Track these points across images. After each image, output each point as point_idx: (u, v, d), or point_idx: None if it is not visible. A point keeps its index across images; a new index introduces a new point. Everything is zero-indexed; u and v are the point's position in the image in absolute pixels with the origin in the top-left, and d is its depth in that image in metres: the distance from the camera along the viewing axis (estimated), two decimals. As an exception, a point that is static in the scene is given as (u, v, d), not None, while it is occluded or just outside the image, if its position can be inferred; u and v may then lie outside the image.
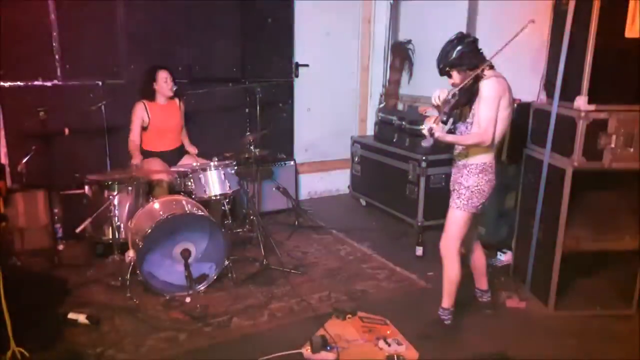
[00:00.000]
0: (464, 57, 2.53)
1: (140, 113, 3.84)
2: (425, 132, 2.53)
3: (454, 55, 2.53)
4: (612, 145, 2.80)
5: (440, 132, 2.51)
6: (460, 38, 2.57)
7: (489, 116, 2.49)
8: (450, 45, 2.56)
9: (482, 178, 2.63)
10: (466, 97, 2.53)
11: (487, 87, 2.49)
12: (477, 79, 2.51)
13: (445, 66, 2.58)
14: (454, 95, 2.53)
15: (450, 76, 2.61)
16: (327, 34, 5.18)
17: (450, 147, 2.79)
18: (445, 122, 2.49)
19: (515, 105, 3.55)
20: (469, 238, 2.90)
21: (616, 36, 2.69)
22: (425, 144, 2.60)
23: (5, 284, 2.27)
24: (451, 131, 2.62)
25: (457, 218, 2.69)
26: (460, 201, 2.66)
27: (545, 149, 3.05)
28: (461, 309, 2.89)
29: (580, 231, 2.96)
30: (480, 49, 2.58)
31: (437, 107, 2.61)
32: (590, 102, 2.76)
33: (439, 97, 2.60)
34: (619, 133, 2.78)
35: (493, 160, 2.65)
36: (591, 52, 2.70)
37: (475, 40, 2.58)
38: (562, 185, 2.88)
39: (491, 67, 2.57)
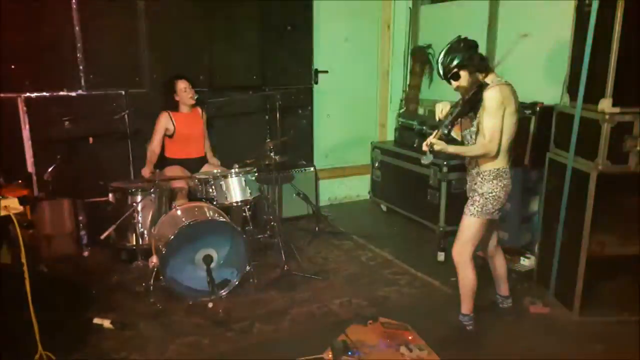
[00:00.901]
0: (474, 58, 2.51)
1: (165, 122, 3.91)
2: (424, 148, 2.47)
3: (464, 56, 2.50)
4: (638, 148, 2.74)
5: (441, 145, 2.46)
6: (466, 40, 2.54)
7: (493, 126, 2.46)
8: (457, 45, 2.52)
9: (496, 184, 2.60)
10: (469, 107, 2.50)
11: (491, 97, 2.45)
12: (481, 87, 2.47)
13: (454, 67, 2.51)
14: (456, 106, 2.50)
15: (457, 78, 2.54)
16: (346, 39, 5.19)
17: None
18: (446, 135, 2.46)
19: (538, 108, 3.51)
20: (489, 243, 2.88)
21: (641, 37, 2.64)
22: (425, 161, 2.50)
23: (32, 290, 2.32)
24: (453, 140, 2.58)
25: (469, 225, 2.66)
26: (474, 208, 2.63)
27: (569, 152, 3.00)
28: (483, 314, 2.86)
29: (606, 236, 2.91)
30: (481, 53, 2.57)
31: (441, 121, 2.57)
32: (614, 104, 2.71)
33: (442, 110, 2.60)
34: (645, 136, 2.73)
35: (507, 165, 2.61)
36: (615, 53, 2.65)
37: (477, 45, 2.57)
38: (586, 189, 2.83)
39: (492, 71, 2.56)
